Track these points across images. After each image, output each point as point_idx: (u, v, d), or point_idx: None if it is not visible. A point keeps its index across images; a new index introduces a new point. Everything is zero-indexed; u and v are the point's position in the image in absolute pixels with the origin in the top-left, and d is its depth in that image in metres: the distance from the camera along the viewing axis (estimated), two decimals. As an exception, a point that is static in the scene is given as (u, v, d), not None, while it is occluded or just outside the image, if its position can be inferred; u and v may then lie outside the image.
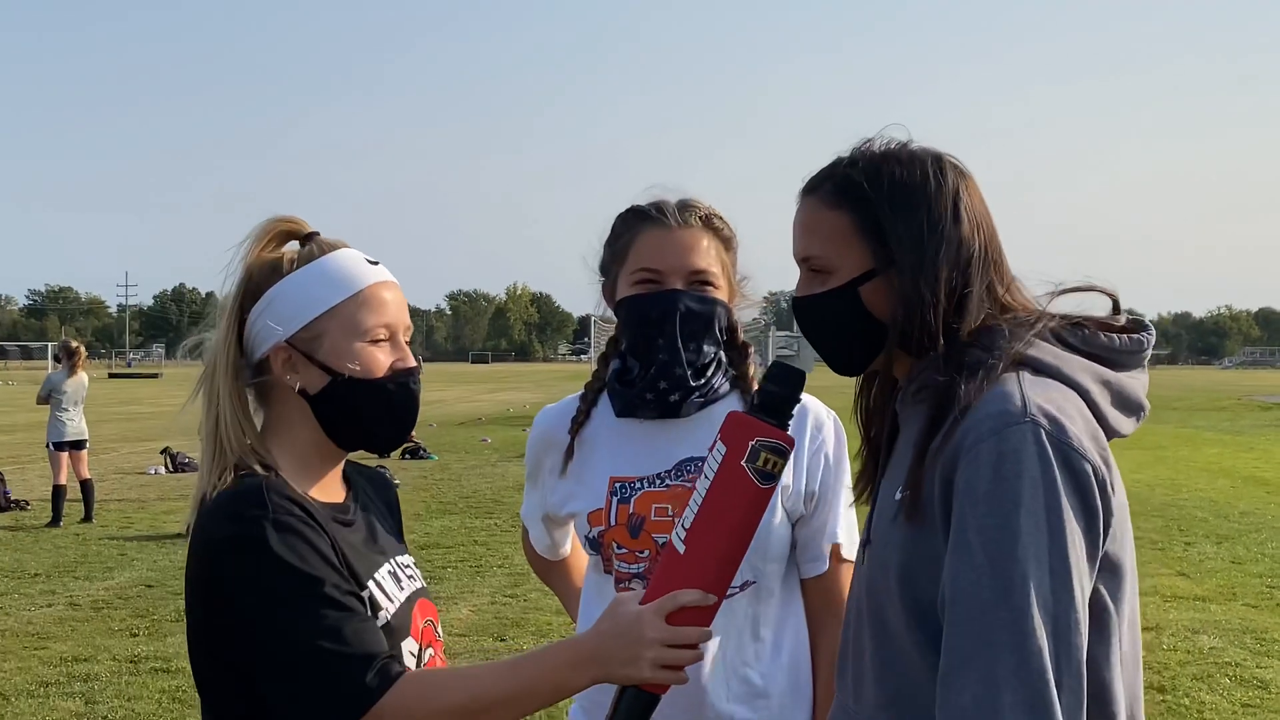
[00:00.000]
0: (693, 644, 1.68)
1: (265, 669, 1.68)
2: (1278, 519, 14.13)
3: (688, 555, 1.70)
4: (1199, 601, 9.54)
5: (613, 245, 2.38)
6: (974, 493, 1.51)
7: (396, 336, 1.88)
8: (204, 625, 1.75)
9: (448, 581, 10.14)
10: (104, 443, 21.48)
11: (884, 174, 1.70)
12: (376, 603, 1.81)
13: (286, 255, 1.89)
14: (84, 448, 14.25)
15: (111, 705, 6.82)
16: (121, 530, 13.26)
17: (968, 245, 1.68)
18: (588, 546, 2.38)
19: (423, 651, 1.89)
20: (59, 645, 8.13)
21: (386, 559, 1.92)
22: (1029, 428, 1.52)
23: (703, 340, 2.29)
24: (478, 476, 18.53)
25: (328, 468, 1.92)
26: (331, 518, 1.84)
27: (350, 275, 1.86)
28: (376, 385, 1.84)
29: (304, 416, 1.87)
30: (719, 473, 1.69)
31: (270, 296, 1.85)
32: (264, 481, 1.76)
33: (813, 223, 1.75)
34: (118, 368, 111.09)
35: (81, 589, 10.03)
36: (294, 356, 1.84)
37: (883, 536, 1.71)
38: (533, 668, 1.70)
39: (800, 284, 1.79)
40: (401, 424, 1.90)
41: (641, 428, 2.35)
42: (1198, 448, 24.03)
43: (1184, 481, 17.91)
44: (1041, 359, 1.65)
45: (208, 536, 1.73)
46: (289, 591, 1.67)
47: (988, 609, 1.47)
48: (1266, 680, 7.33)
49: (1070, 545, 1.49)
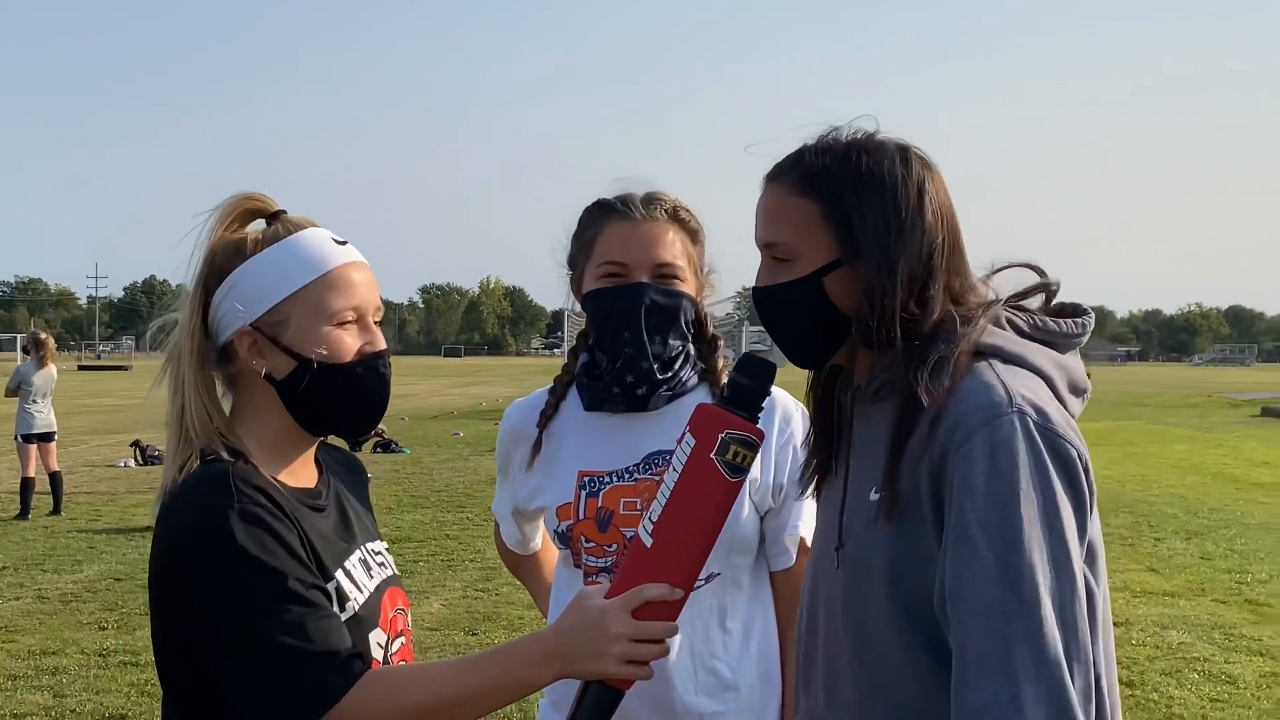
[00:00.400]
0: (659, 639, 1.66)
1: (225, 665, 1.64)
2: (1247, 515, 14.23)
3: (655, 549, 1.68)
4: (1168, 597, 9.60)
5: (579, 238, 2.38)
6: (971, 487, 1.51)
7: (365, 318, 1.83)
8: (166, 617, 1.71)
9: (419, 575, 10.11)
10: (73, 435, 21.33)
11: (851, 163, 1.68)
12: (345, 593, 1.78)
13: (250, 235, 1.83)
14: (52, 440, 14.15)
15: (80, 698, 6.78)
16: (90, 523, 13.17)
17: (932, 238, 1.67)
18: (557, 541, 2.37)
19: (391, 642, 1.86)
20: (27, 638, 8.07)
21: (358, 545, 1.89)
22: (1016, 418, 1.54)
23: (669, 333, 2.29)
24: (450, 470, 18.47)
25: (298, 452, 1.88)
26: (303, 503, 1.81)
27: (316, 256, 1.80)
28: (344, 370, 1.79)
29: (271, 402, 1.82)
30: (688, 465, 1.66)
31: (235, 278, 1.80)
32: (230, 468, 1.71)
33: (778, 209, 1.73)
34: (87, 360, 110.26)
35: (50, 582, 9.96)
36: (259, 341, 1.79)
37: (860, 539, 1.69)
38: (496, 664, 1.67)
39: (761, 272, 1.77)
40: (371, 409, 1.85)
41: (610, 421, 2.34)
42: (1168, 444, 24.16)
43: (1154, 478, 18.01)
44: (1006, 348, 1.66)
45: (171, 525, 1.69)
46: (251, 585, 1.63)
47: (998, 603, 1.47)
48: (1234, 675, 7.37)
49: (1067, 531, 1.51)
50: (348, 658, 1.65)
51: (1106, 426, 28.32)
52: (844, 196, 1.67)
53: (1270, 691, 7.10)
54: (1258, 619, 8.95)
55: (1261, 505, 15.15)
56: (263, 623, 1.62)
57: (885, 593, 1.63)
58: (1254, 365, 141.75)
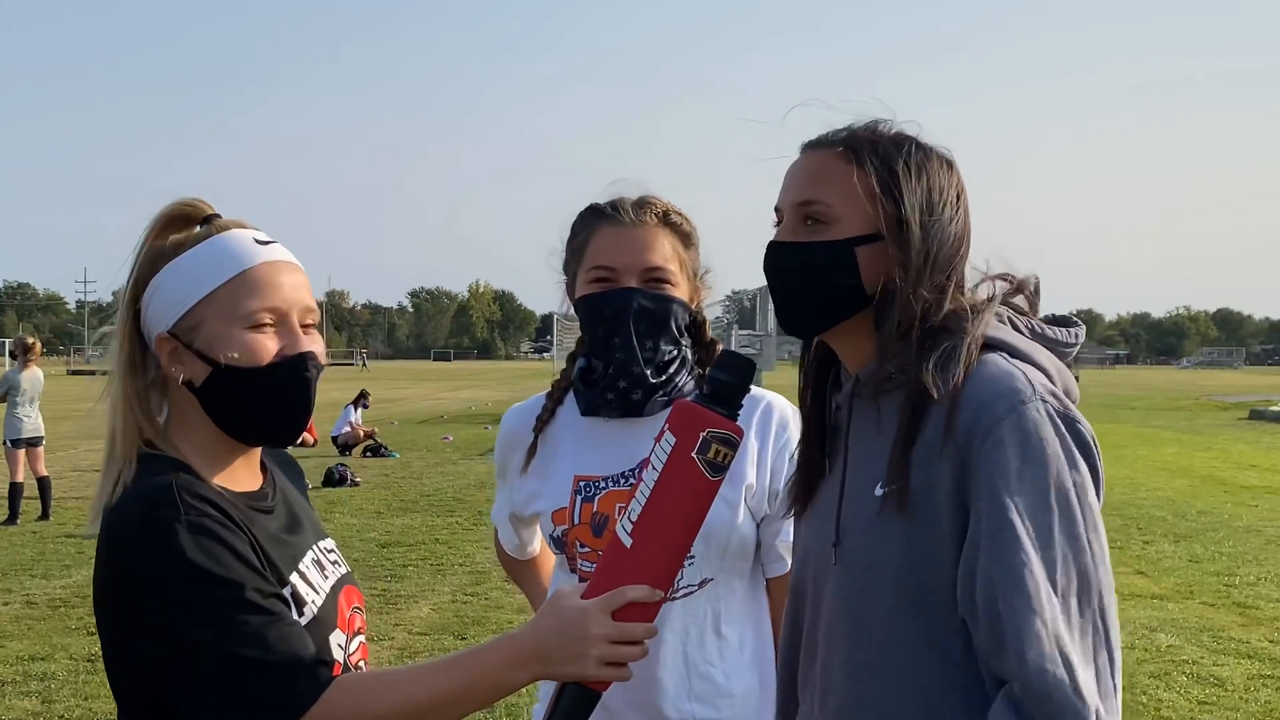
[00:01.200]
0: (638, 641, 1.64)
1: (184, 683, 1.59)
2: (1235, 518, 14.27)
3: (635, 549, 1.66)
4: (1156, 600, 9.62)
5: (571, 243, 2.39)
6: (1005, 472, 1.54)
7: (288, 320, 1.74)
8: (116, 637, 1.66)
9: (408, 580, 10.10)
10: (62, 440, 21.24)
11: (906, 150, 1.72)
12: (301, 596, 1.74)
13: (172, 240, 1.77)
14: (40, 445, 14.13)
15: (69, 704, 6.76)
16: (79, 528, 13.09)
17: (959, 237, 1.72)
18: (552, 545, 2.37)
19: (349, 641, 1.83)
20: (15, 644, 8.05)
21: (310, 545, 1.85)
22: (1040, 405, 1.59)
23: (659, 338, 2.29)
24: (439, 475, 18.45)
25: (236, 457, 1.81)
26: (250, 506, 1.77)
27: (231, 256, 1.73)
28: (259, 373, 1.72)
29: (197, 410, 1.76)
30: (668, 464, 1.65)
31: (155, 284, 1.75)
32: (174, 479, 1.65)
33: (824, 171, 1.73)
34: (77, 364, 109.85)
35: (38, 587, 9.93)
36: (177, 348, 1.74)
37: (862, 536, 1.69)
38: (472, 666, 1.64)
39: (786, 229, 1.76)
40: (293, 414, 1.77)
41: (606, 426, 2.34)
42: (1156, 447, 24.21)
43: (1142, 480, 18.05)
44: (1015, 344, 1.69)
45: (116, 541, 1.63)
46: (207, 599, 1.58)
47: (1037, 586, 1.51)
48: (1223, 678, 7.39)
49: (1093, 510, 1.57)
50: (313, 665, 1.61)
51: (1095, 429, 28.26)
52: (898, 174, 1.70)
53: (1258, 694, 7.12)
54: (1246, 621, 8.98)
55: (1250, 508, 15.19)
56: (221, 636, 1.57)
57: (893, 588, 1.63)
58: (1242, 368, 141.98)
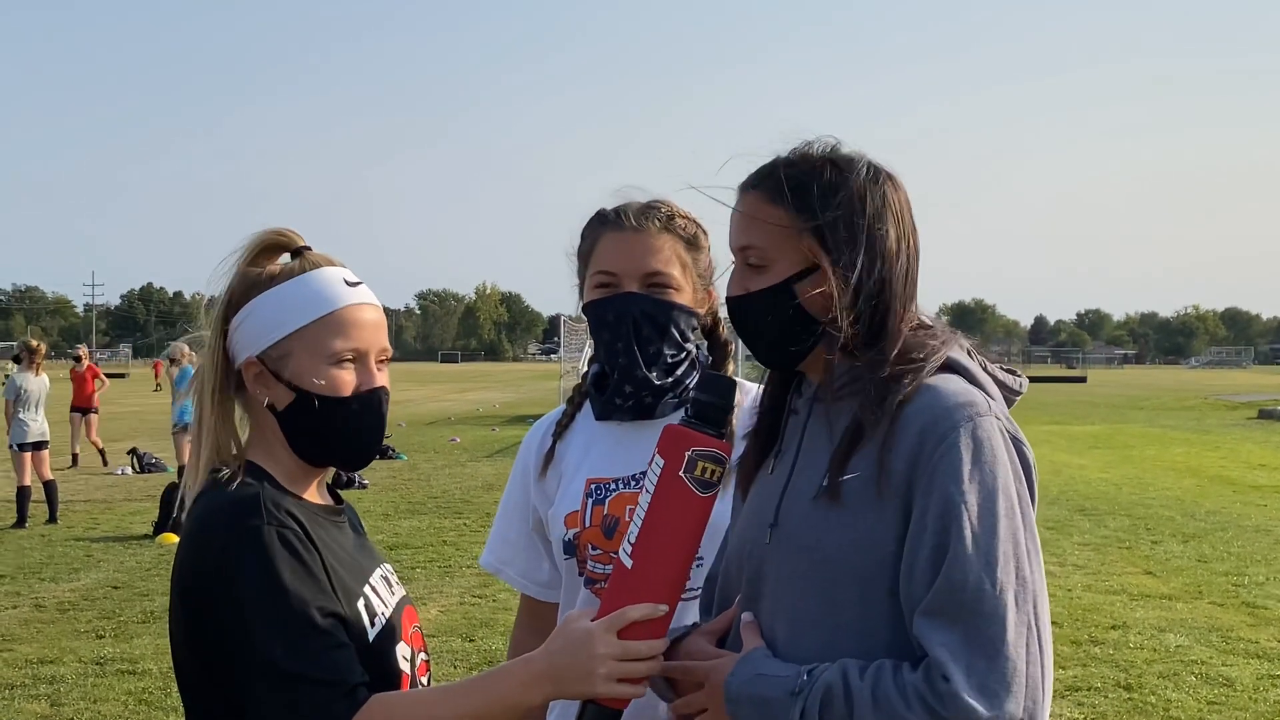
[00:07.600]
0: (646, 657, 1.72)
1: (241, 684, 1.70)
2: (1244, 518, 14.26)
3: (635, 570, 1.75)
4: (1165, 600, 9.62)
5: (580, 249, 2.41)
6: (957, 473, 1.62)
7: (366, 359, 1.88)
8: (189, 630, 1.76)
9: (417, 582, 10.13)
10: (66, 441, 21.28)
11: (824, 175, 1.77)
12: (373, 607, 1.85)
13: (267, 270, 1.90)
14: (45, 448, 14.20)
15: (77, 707, 6.78)
16: (87, 531, 13.19)
17: (895, 252, 1.77)
18: (563, 551, 2.37)
19: (415, 656, 1.92)
20: (24, 647, 8.07)
21: (378, 564, 1.97)
22: (994, 421, 1.68)
23: (661, 342, 2.30)
24: (447, 477, 18.49)
25: (310, 477, 1.94)
26: (327, 518, 1.89)
27: (323, 297, 1.86)
28: (340, 403, 1.85)
29: (275, 429, 1.88)
30: (659, 486, 1.75)
31: (247, 311, 1.87)
32: (260, 491, 1.77)
33: (755, 212, 1.79)
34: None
35: (47, 590, 9.97)
36: (264, 372, 1.86)
37: (801, 520, 1.75)
38: (490, 687, 1.73)
39: (734, 279, 1.84)
40: (367, 442, 1.91)
41: (619, 430, 2.37)
42: (1165, 447, 24.21)
43: (1151, 480, 18.05)
44: (972, 370, 1.77)
45: (201, 541, 1.75)
46: (273, 610, 1.69)
47: (975, 584, 1.58)
48: (1232, 678, 7.39)
49: (1033, 525, 1.67)
50: (354, 687, 1.70)
51: (1103, 429, 28.40)
52: (816, 206, 1.75)
53: (1267, 694, 7.11)
54: (1255, 621, 8.97)
55: (1259, 508, 15.19)
56: (279, 647, 1.68)
57: (821, 572, 1.70)
58: (1250, 368, 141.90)
